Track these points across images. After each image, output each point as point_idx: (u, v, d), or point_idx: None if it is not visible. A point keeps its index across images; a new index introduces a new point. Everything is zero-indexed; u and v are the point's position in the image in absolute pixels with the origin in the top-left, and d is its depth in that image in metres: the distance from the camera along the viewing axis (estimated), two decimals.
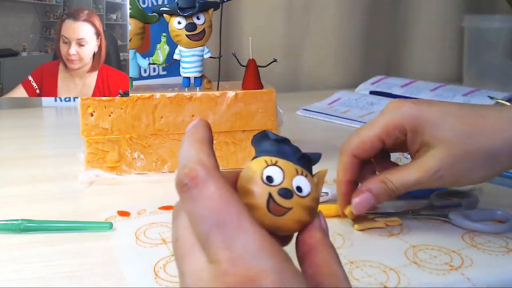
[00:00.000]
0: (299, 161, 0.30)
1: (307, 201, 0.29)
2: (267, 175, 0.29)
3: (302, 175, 0.30)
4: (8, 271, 0.41)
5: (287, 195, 0.29)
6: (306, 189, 0.30)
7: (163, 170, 0.64)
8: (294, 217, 0.29)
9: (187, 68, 0.64)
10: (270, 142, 0.31)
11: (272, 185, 0.29)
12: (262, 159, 0.30)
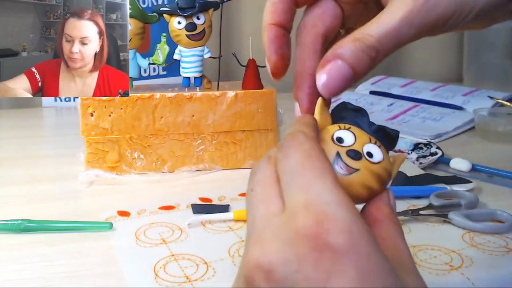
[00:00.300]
0: (374, 132, 0.30)
1: (377, 167, 0.29)
2: (337, 136, 0.29)
3: (376, 144, 0.30)
4: (8, 271, 0.41)
5: (356, 156, 0.28)
6: (377, 156, 0.29)
7: (163, 170, 0.64)
8: (361, 179, 0.28)
9: (187, 68, 0.64)
10: (347, 111, 0.31)
11: (342, 145, 0.29)
12: (336, 125, 0.30)
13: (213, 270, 0.41)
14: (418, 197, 0.54)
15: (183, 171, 0.64)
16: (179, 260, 0.42)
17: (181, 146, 0.64)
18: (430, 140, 0.74)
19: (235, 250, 0.44)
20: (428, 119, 0.87)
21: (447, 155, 0.67)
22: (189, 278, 0.40)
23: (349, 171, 0.28)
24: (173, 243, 0.46)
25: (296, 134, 0.27)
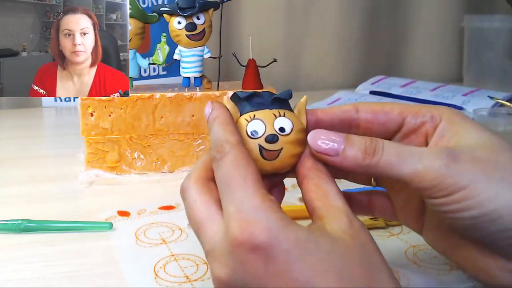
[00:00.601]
0: (273, 105, 0.34)
1: (292, 136, 0.33)
2: (251, 131, 0.33)
3: (281, 115, 0.33)
4: (8, 271, 0.41)
5: (274, 139, 0.32)
6: (288, 127, 0.33)
7: (163, 170, 0.64)
8: (287, 154, 0.33)
9: (187, 68, 0.64)
10: (243, 101, 0.34)
11: (258, 137, 0.32)
12: (243, 118, 0.33)
13: None
14: None
15: (183, 171, 0.64)
16: (179, 260, 0.42)
17: (181, 146, 0.64)
18: None
19: None
20: None
21: None
22: (189, 278, 0.40)
23: (276, 155, 0.32)
24: (173, 243, 0.46)
25: (222, 145, 0.31)
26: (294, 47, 1.23)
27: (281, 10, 1.20)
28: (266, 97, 0.34)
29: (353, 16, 1.24)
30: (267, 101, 0.34)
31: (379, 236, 0.46)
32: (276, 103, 0.34)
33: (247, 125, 0.33)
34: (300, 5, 1.21)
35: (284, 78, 1.21)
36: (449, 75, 1.31)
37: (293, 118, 0.34)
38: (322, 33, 1.24)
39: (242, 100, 0.34)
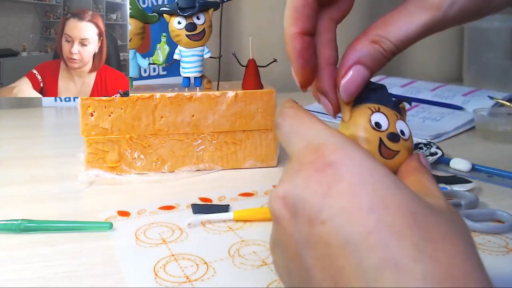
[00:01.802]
0: (395, 107, 0.32)
1: (409, 143, 0.32)
2: (375, 121, 0.31)
3: (401, 120, 0.32)
4: (8, 271, 0.41)
5: (395, 138, 0.31)
6: (407, 132, 0.32)
7: (163, 170, 0.64)
8: (401, 159, 0.31)
9: (187, 68, 0.64)
10: (369, 90, 0.32)
11: (381, 131, 0.31)
12: (365, 106, 0.31)
13: (213, 270, 0.41)
14: None
15: (183, 171, 0.64)
16: (179, 260, 0.42)
17: (181, 146, 0.64)
18: (430, 140, 0.74)
19: (235, 250, 0.44)
20: (428, 119, 0.87)
21: (447, 155, 0.67)
22: (189, 278, 0.40)
23: (392, 155, 0.31)
24: (173, 243, 0.46)
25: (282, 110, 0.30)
26: None
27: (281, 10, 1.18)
28: (389, 97, 0.32)
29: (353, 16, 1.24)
30: (389, 100, 0.32)
31: None
32: (396, 106, 0.32)
33: (372, 115, 0.31)
34: None
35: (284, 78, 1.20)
36: (449, 75, 1.31)
37: (408, 126, 0.32)
38: None
39: (368, 88, 0.32)
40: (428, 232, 0.22)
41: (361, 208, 0.22)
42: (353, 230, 0.22)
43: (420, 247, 0.21)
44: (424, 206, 0.23)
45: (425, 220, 0.22)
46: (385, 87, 0.32)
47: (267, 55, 0.65)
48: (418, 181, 0.29)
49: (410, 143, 0.32)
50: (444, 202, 0.26)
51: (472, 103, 0.91)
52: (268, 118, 0.64)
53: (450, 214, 0.25)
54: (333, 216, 0.23)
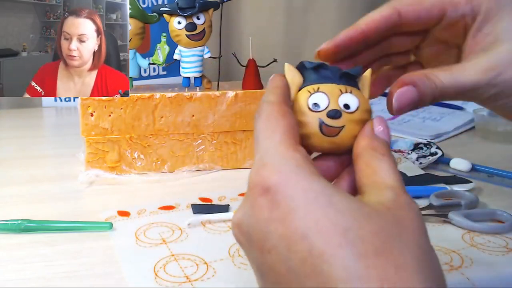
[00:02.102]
0: (340, 80, 0.32)
1: (357, 114, 0.31)
2: (313, 103, 0.31)
3: (347, 92, 0.31)
4: (8, 271, 0.41)
5: (336, 115, 0.30)
6: (353, 104, 0.31)
7: (163, 170, 0.64)
8: (349, 133, 0.30)
9: (187, 68, 0.64)
10: (309, 70, 0.32)
11: (320, 111, 0.31)
12: (305, 89, 0.32)
13: (213, 270, 0.41)
14: (418, 197, 0.54)
15: (183, 171, 0.64)
16: (179, 260, 0.42)
17: (181, 146, 0.64)
18: (430, 140, 0.74)
19: (235, 250, 0.44)
20: (428, 119, 0.87)
21: (447, 155, 0.67)
22: (189, 278, 0.40)
23: (337, 131, 0.30)
24: (173, 243, 0.45)
25: (261, 105, 0.30)
26: (294, 47, 1.23)
27: (281, 10, 1.20)
28: (334, 71, 0.32)
29: (353, 15, 1.24)
30: (335, 75, 0.32)
31: None
32: (344, 79, 0.32)
33: (309, 97, 0.31)
34: (300, 5, 1.21)
35: None
36: None
37: (360, 97, 0.32)
38: (322, 33, 1.24)
39: (307, 70, 0.32)
40: (359, 249, 0.22)
41: (296, 235, 0.23)
42: (291, 258, 0.23)
43: (350, 269, 0.22)
44: (360, 216, 0.24)
45: (358, 235, 0.23)
46: (325, 64, 0.32)
47: (267, 55, 0.65)
48: (366, 165, 0.29)
49: (359, 114, 0.31)
50: (391, 194, 0.26)
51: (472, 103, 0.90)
52: None
53: (395, 211, 0.25)
54: (276, 244, 0.24)
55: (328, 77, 0.32)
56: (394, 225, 0.24)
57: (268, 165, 0.26)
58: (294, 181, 0.25)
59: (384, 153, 0.29)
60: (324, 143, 0.30)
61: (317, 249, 0.23)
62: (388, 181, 0.27)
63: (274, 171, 0.26)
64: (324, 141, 0.30)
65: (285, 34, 1.21)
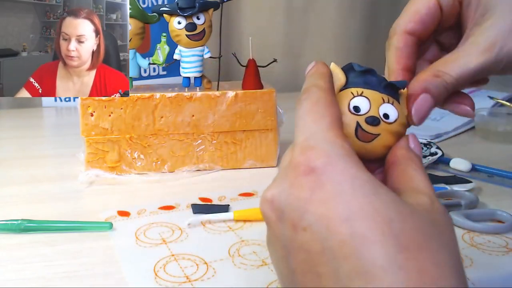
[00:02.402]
0: (385, 89, 0.32)
1: (394, 126, 0.31)
2: (354, 105, 0.31)
3: (389, 102, 0.32)
4: (8, 271, 0.41)
5: (374, 122, 0.31)
6: (393, 115, 0.31)
7: (163, 170, 0.64)
8: (382, 143, 0.31)
9: (187, 68, 0.64)
10: (356, 73, 0.32)
11: (359, 114, 0.31)
12: (348, 91, 0.32)
13: (213, 270, 0.41)
14: None
15: (183, 171, 0.64)
16: (179, 260, 0.42)
17: (181, 146, 0.64)
18: (430, 140, 0.74)
19: (235, 250, 0.44)
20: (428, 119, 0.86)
21: (447, 155, 0.67)
22: (189, 278, 0.40)
23: (371, 138, 0.31)
24: (173, 243, 0.46)
25: (309, 88, 0.30)
26: (294, 47, 1.23)
27: (281, 10, 1.20)
28: (380, 80, 0.32)
29: (353, 16, 1.24)
30: (380, 84, 0.32)
31: None
32: (388, 89, 0.32)
33: (352, 99, 0.31)
34: (300, 5, 1.21)
35: (284, 78, 1.21)
36: None
37: (400, 110, 0.32)
38: (322, 33, 1.24)
39: (355, 72, 0.33)
40: (401, 240, 0.22)
41: (338, 217, 0.23)
42: (330, 238, 0.23)
43: (391, 257, 0.22)
44: (403, 210, 0.24)
45: (401, 228, 0.23)
46: (373, 70, 0.32)
47: (267, 55, 0.65)
48: (402, 172, 0.29)
49: (396, 127, 0.31)
50: (427, 199, 0.26)
51: None
52: (268, 118, 0.64)
53: (432, 214, 0.25)
54: (314, 223, 0.24)
55: (373, 84, 0.32)
56: (433, 225, 0.24)
57: (316, 147, 0.26)
58: (342, 167, 0.25)
59: (419, 166, 0.29)
60: (355, 147, 0.30)
61: (360, 233, 0.23)
62: (424, 188, 0.27)
63: (322, 154, 0.26)
64: (356, 145, 0.30)
65: (285, 34, 1.21)
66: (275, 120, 0.64)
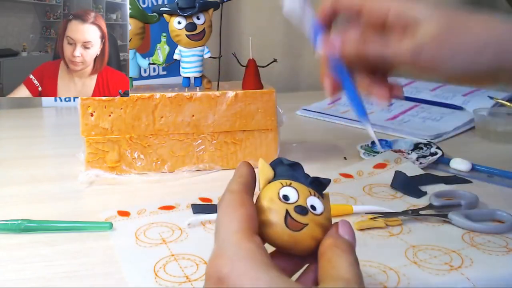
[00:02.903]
0: (311, 184, 0.33)
1: (321, 218, 0.32)
2: (283, 194, 0.32)
3: (315, 196, 0.33)
4: (8, 271, 0.41)
5: (303, 211, 0.31)
6: (319, 208, 0.32)
7: (163, 170, 0.64)
8: (310, 233, 0.31)
9: (187, 68, 0.64)
10: (284, 167, 0.34)
11: (289, 203, 0.32)
12: (278, 182, 0.33)
13: None
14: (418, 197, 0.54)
15: (183, 171, 0.64)
16: (179, 260, 0.42)
17: (181, 146, 0.64)
18: (430, 140, 0.74)
19: None
20: (428, 119, 0.87)
21: (447, 155, 0.67)
22: (189, 278, 0.40)
23: (299, 227, 0.31)
24: (173, 243, 0.46)
25: (224, 193, 0.32)
26: (294, 47, 1.23)
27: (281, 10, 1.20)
28: (306, 175, 0.34)
29: None
30: (306, 179, 0.34)
31: (379, 236, 0.46)
32: (314, 184, 0.34)
33: (281, 188, 0.32)
34: None
35: (284, 78, 1.21)
36: None
37: (325, 204, 0.33)
38: None
39: (284, 166, 0.34)
40: None
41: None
42: None
43: None
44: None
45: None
46: (299, 165, 0.34)
47: (267, 55, 0.65)
48: (328, 261, 0.30)
49: (323, 219, 0.32)
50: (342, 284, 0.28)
51: (472, 103, 0.90)
52: (268, 118, 0.64)
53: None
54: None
55: (300, 178, 0.33)
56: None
57: (222, 255, 0.29)
58: (243, 271, 0.27)
59: (344, 250, 0.30)
60: (284, 236, 0.31)
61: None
62: (343, 274, 0.29)
63: (227, 262, 0.28)
64: (285, 234, 0.31)
65: (285, 34, 1.21)
66: (275, 120, 0.64)
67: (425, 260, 0.42)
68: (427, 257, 0.43)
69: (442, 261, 0.42)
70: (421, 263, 0.42)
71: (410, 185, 0.57)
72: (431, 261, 0.42)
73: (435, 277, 0.40)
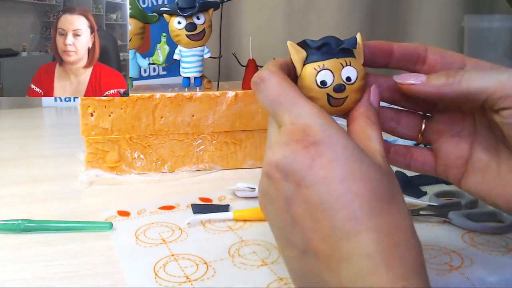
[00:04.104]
0: (340, 54, 0.36)
1: (357, 84, 0.36)
2: (320, 80, 0.35)
3: (347, 65, 0.36)
4: (8, 271, 0.41)
5: (341, 88, 0.35)
6: (353, 76, 0.36)
7: (163, 170, 0.64)
8: (351, 101, 0.36)
9: (187, 68, 0.64)
10: (311, 49, 0.36)
11: (327, 87, 0.35)
12: (310, 66, 0.35)
13: (213, 270, 0.41)
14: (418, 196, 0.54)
15: (183, 171, 0.64)
16: (179, 260, 0.42)
17: (181, 146, 0.64)
18: None
19: (235, 250, 0.44)
20: None
21: None
22: (189, 278, 0.40)
23: (342, 102, 0.36)
24: (173, 243, 0.46)
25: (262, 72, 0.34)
26: None
27: (281, 10, 1.20)
28: (333, 46, 0.36)
29: (353, 16, 1.24)
30: (334, 50, 0.36)
31: None
32: (342, 52, 0.36)
33: (317, 75, 0.35)
34: (300, 4, 1.21)
35: None
36: None
37: (357, 66, 0.36)
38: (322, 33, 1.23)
39: (311, 48, 0.36)
40: (379, 194, 0.30)
41: (335, 179, 0.30)
42: (329, 194, 0.30)
43: (374, 207, 0.29)
44: (378, 171, 0.31)
45: (378, 185, 0.30)
46: (328, 42, 0.36)
47: (267, 55, 0.65)
48: (361, 130, 0.35)
49: (358, 84, 0.36)
50: (381, 160, 0.32)
51: None
52: (268, 118, 0.64)
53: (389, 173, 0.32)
54: (315, 183, 0.30)
55: (329, 53, 0.36)
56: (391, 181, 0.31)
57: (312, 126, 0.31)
58: (336, 138, 0.31)
59: (374, 122, 0.35)
60: (331, 112, 0.35)
61: (352, 190, 0.29)
62: (378, 147, 0.33)
63: (320, 131, 0.31)
64: (332, 110, 0.36)
65: (285, 34, 1.21)
66: None
67: (425, 260, 0.42)
68: (427, 257, 0.42)
69: (442, 261, 0.42)
70: None
71: (410, 185, 0.57)
72: (431, 261, 0.42)
73: (435, 277, 0.40)
